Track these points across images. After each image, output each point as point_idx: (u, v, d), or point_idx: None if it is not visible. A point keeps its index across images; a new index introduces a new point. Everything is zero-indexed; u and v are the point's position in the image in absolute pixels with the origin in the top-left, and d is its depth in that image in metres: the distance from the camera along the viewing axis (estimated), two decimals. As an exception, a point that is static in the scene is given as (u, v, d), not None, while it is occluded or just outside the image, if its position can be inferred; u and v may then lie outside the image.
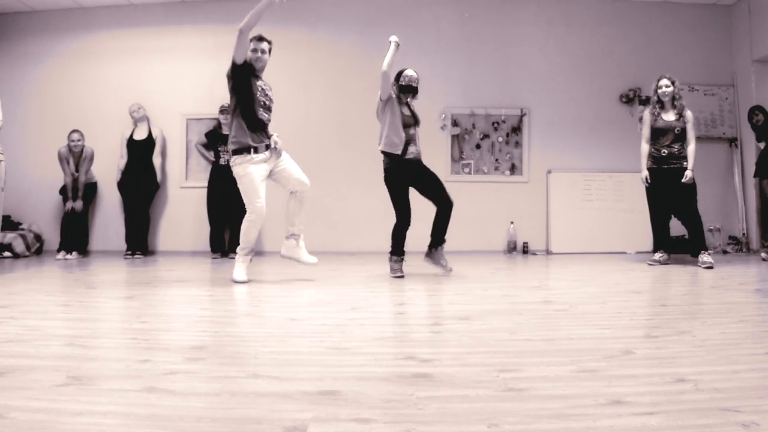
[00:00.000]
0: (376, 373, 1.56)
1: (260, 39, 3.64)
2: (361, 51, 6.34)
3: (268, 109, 3.72)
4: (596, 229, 6.23)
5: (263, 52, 3.65)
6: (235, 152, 3.58)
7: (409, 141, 3.96)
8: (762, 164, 5.44)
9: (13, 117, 5.90)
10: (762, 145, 5.53)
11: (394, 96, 3.94)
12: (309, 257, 3.86)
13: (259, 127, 3.62)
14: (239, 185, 3.61)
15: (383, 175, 3.97)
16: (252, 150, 3.55)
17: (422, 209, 4.05)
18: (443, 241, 4.00)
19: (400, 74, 4.01)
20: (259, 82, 3.66)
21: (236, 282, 3.60)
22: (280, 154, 3.73)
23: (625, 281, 3.77)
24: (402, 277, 3.84)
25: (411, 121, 4.01)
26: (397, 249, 3.94)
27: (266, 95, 3.70)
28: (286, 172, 3.72)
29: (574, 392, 1.38)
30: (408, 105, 4.07)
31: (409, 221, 3.91)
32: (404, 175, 3.92)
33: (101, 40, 6.50)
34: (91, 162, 5.93)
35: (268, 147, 3.65)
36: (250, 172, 3.55)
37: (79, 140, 5.83)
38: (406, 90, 3.99)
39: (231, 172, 6.35)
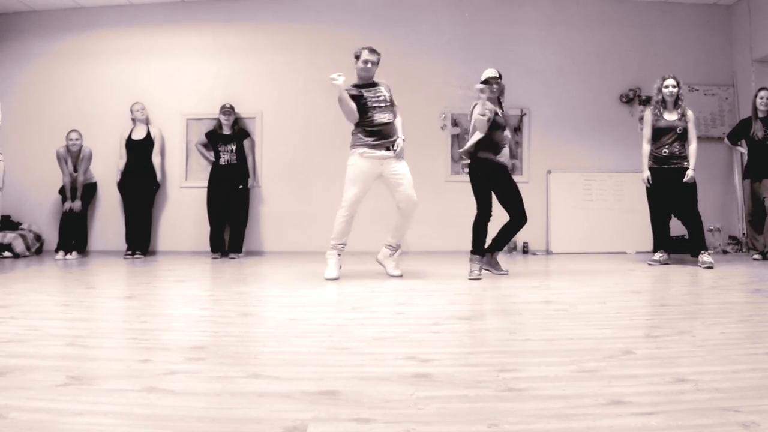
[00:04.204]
0: (376, 373, 1.56)
1: (371, 51, 3.86)
2: (361, 51, 6.33)
3: (385, 109, 3.83)
4: (596, 229, 6.22)
5: (372, 63, 3.84)
6: (352, 146, 3.85)
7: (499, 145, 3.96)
8: (751, 166, 5.41)
9: (12, 117, 5.90)
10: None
11: None
12: (394, 270, 3.95)
13: (376, 131, 3.78)
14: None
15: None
16: (367, 146, 3.76)
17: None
18: (501, 248, 4.05)
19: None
20: (366, 92, 3.82)
21: (327, 280, 3.70)
22: (401, 157, 3.84)
23: (625, 281, 3.77)
24: (479, 279, 3.71)
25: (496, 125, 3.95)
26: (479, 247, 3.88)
27: (377, 98, 3.83)
28: (395, 180, 3.82)
29: (574, 392, 1.38)
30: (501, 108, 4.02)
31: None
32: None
33: (101, 40, 6.50)
34: (89, 162, 5.92)
35: (388, 148, 3.80)
36: (356, 164, 3.77)
37: (77, 139, 5.82)
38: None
39: (231, 172, 6.31)
